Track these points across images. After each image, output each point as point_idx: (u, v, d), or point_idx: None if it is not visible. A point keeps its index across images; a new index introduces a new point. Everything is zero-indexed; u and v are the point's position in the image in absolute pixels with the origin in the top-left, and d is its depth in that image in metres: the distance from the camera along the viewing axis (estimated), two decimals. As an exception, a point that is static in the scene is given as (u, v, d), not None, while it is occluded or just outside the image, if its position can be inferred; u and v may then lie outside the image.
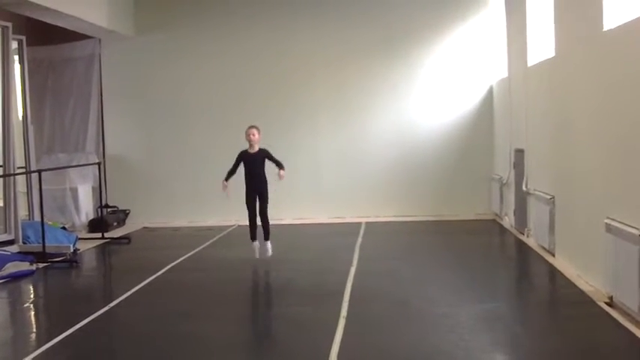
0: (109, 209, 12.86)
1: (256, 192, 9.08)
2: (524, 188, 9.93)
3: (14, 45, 10.86)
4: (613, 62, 6.50)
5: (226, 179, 9.07)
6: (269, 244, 9.15)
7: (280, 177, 9.08)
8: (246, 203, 9.12)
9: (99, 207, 12.49)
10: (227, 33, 12.93)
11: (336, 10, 12.77)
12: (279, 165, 9.10)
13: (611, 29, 6.50)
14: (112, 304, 7.20)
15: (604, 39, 6.67)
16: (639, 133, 5.88)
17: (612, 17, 6.51)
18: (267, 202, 9.11)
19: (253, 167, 9.06)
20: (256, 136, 9.09)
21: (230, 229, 11.90)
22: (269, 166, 9.13)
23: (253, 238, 9.17)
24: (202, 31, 12.97)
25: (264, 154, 9.13)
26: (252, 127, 9.14)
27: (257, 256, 9.08)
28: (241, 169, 9.11)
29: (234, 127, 12.12)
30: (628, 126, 6.14)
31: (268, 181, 9.12)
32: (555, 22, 8.37)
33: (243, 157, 9.12)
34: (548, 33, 8.72)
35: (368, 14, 12.73)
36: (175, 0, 12.94)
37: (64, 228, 11.54)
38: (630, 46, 6.06)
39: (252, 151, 9.12)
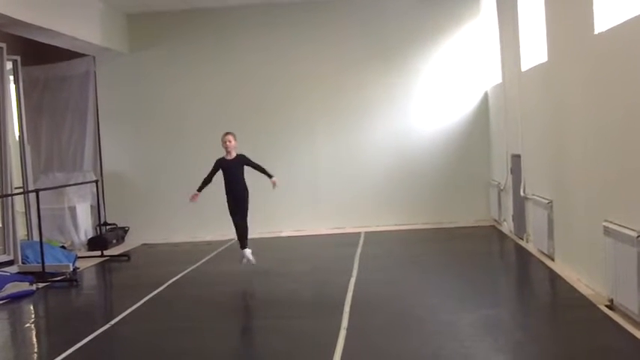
0: (107, 227, 12.84)
1: (236, 200, 9.06)
2: (522, 193, 9.93)
3: (9, 65, 10.88)
4: (605, 65, 6.52)
5: (199, 189, 9.11)
6: (247, 251, 9.16)
7: (274, 185, 9.12)
8: (230, 213, 9.14)
9: (98, 225, 12.51)
10: (223, 48, 12.93)
11: (332, 23, 12.77)
12: (264, 171, 9.12)
13: (602, 32, 6.52)
14: (112, 322, 7.18)
15: (595, 42, 6.69)
16: (634, 135, 5.89)
17: (603, 20, 6.54)
18: (246, 212, 9.12)
19: (232, 174, 9.07)
20: (232, 142, 9.08)
21: (229, 243, 11.89)
22: (260, 179, 9.15)
23: (243, 246, 9.18)
24: (197, 47, 12.97)
25: (242, 160, 9.13)
26: (227, 133, 9.17)
27: (243, 262, 9.07)
28: (220, 178, 9.12)
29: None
30: (622, 127, 6.15)
31: (249, 191, 9.19)
32: (547, 27, 8.40)
33: (221, 164, 9.14)
34: (540, 38, 8.75)
35: (363, 25, 12.74)
36: (169, 16, 12.94)
37: (63, 247, 11.53)
38: (622, 49, 6.08)
39: (229, 157, 9.12)
